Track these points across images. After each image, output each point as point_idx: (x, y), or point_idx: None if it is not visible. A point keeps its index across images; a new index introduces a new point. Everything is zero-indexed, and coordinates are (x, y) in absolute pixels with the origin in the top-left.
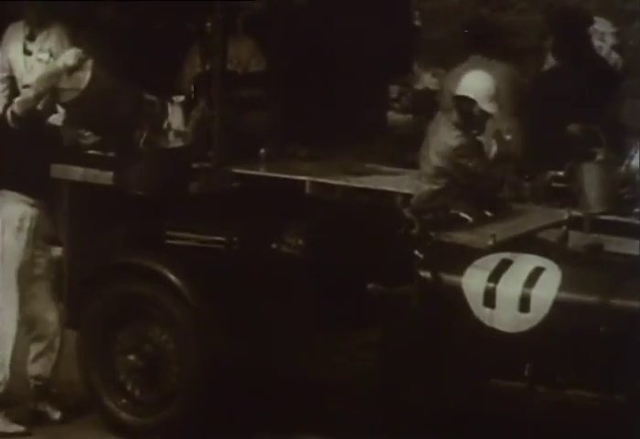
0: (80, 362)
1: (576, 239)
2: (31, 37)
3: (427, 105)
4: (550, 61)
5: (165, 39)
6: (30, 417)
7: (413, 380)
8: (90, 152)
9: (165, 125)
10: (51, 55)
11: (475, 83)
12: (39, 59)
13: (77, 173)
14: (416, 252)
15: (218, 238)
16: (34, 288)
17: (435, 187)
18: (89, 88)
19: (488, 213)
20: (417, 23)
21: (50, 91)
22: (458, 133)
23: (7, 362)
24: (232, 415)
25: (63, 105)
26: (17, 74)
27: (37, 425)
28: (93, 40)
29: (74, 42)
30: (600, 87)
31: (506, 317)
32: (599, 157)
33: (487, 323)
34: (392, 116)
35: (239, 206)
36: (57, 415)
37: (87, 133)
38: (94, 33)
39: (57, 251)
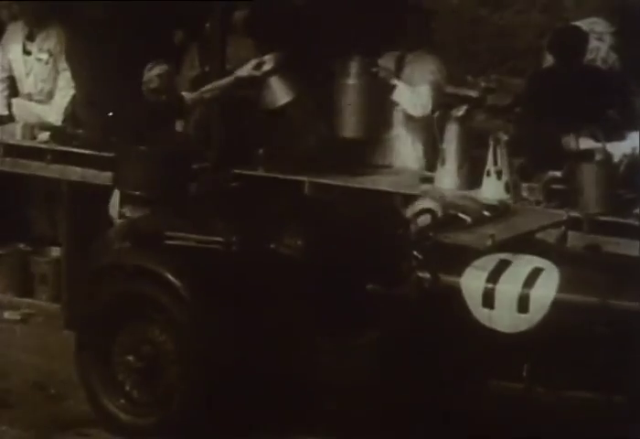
0: (79, 362)
1: (575, 239)
2: (31, 38)
3: None
4: (549, 60)
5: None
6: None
7: (412, 381)
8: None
9: None
10: (50, 55)
11: None
12: (39, 59)
13: (75, 173)
14: (415, 253)
15: (218, 238)
16: None
17: None
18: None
19: (487, 213)
20: None
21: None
22: None
23: None
24: (232, 415)
25: None
26: (17, 74)
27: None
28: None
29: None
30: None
31: (504, 318)
32: (597, 158)
33: (486, 323)
34: None
35: (238, 206)
36: None
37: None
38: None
39: (57, 252)
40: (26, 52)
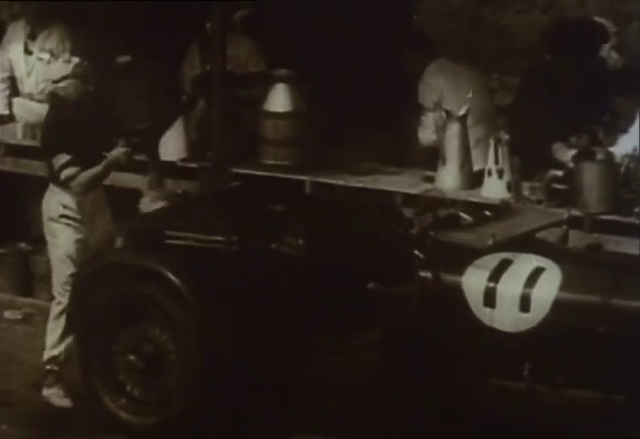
0: (80, 362)
1: (576, 238)
2: (32, 37)
3: None
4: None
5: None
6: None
7: (413, 380)
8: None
9: None
10: (52, 54)
11: None
12: (40, 59)
13: None
14: (416, 252)
15: (218, 238)
16: None
17: None
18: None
19: (488, 213)
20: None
21: None
22: None
23: None
24: (232, 415)
25: None
26: (18, 74)
27: (36, 425)
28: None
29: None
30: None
31: (506, 317)
32: (598, 157)
33: (487, 323)
34: None
35: (238, 206)
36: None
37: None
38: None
39: None
40: (28, 52)
